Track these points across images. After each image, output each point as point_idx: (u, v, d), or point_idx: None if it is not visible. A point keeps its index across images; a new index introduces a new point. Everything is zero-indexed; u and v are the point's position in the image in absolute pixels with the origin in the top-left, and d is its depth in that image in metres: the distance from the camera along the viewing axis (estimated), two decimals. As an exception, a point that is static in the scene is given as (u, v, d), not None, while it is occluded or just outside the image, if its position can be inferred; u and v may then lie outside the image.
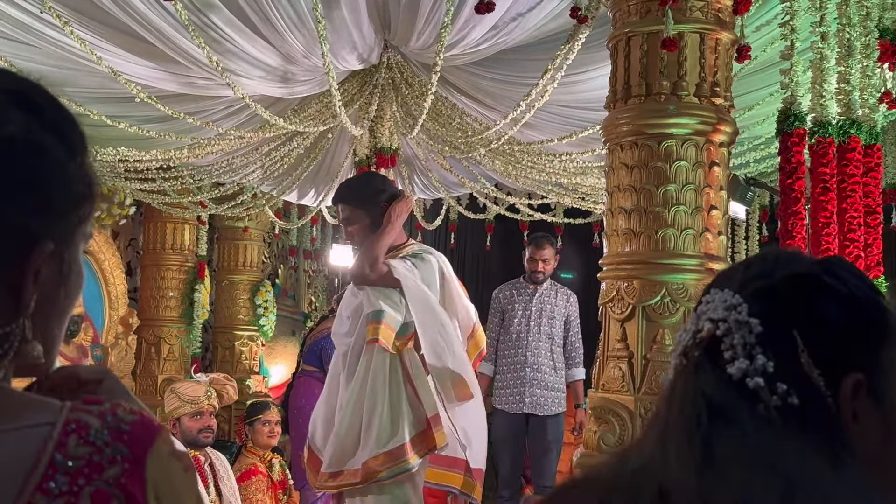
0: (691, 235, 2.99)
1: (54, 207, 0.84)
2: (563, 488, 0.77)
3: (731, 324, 0.77)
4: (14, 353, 0.83)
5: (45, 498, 0.73)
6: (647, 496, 0.69)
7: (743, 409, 0.73)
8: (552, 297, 5.51)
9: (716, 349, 0.77)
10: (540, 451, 5.41)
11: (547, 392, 5.39)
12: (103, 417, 0.78)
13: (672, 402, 0.78)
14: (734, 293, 0.78)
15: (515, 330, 5.51)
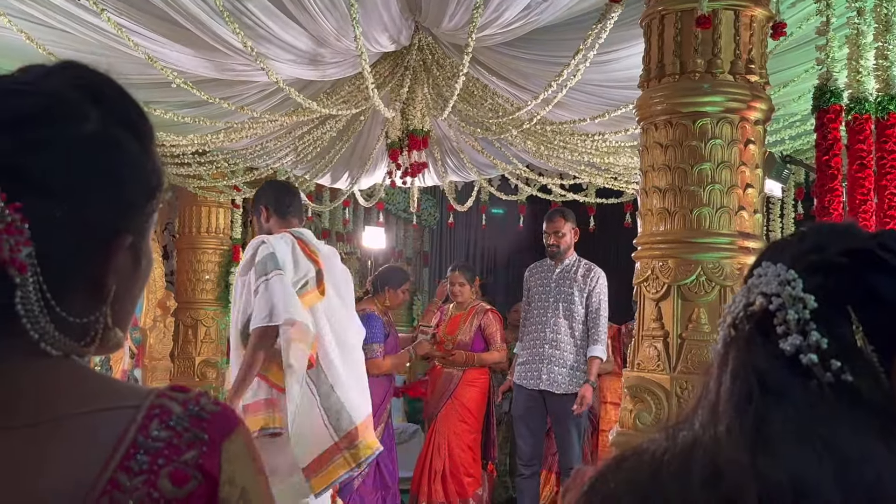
0: (726, 214, 2.98)
1: (131, 201, 0.87)
2: (613, 462, 0.78)
3: (785, 299, 0.76)
4: (99, 340, 0.87)
5: (126, 475, 0.76)
6: (699, 473, 0.69)
7: (795, 386, 0.73)
8: (573, 273, 5.46)
9: (768, 323, 0.77)
10: (561, 431, 5.36)
11: (565, 370, 5.33)
12: (186, 405, 0.82)
13: (722, 376, 0.77)
14: (788, 267, 0.78)
15: (537, 307, 5.51)
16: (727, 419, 0.72)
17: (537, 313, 5.49)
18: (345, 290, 3.91)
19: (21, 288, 0.79)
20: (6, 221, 0.77)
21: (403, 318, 9.06)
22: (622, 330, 6.16)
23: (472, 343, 5.92)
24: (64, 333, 0.83)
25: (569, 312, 5.39)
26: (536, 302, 5.52)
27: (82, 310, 0.84)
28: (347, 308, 3.92)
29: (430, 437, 5.89)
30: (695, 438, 0.72)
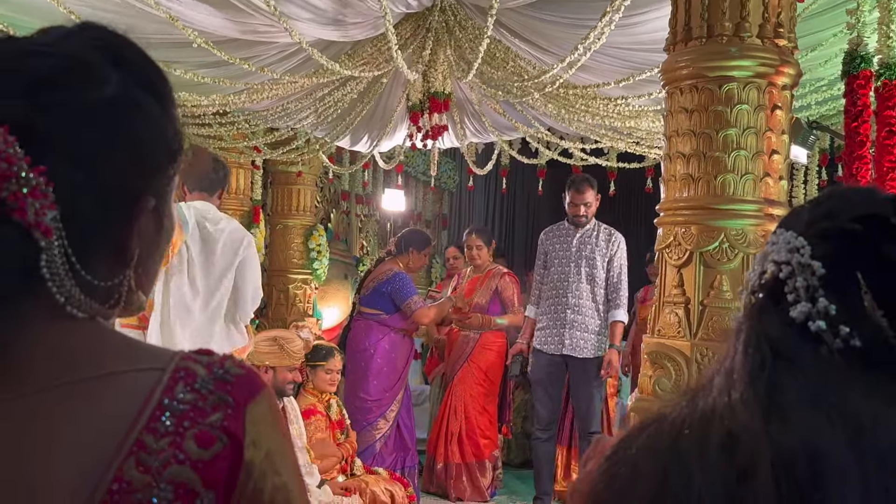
0: (751, 180, 2.94)
1: (153, 164, 0.87)
2: (635, 429, 0.78)
3: (794, 266, 0.76)
4: (123, 302, 0.87)
5: (152, 436, 0.77)
6: (716, 439, 0.69)
7: (807, 353, 0.73)
8: (594, 238, 5.43)
9: (779, 291, 0.77)
10: (583, 397, 5.35)
11: (587, 335, 5.32)
12: (211, 368, 0.82)
13: (738, 343, 0.77)
14: (798, 234, 0.77)
15: (557, 272, 5.46)
16: (741, 387, 0.72)
17: (557, 278, 5.45)
18: (215, 261, 3.82)
19: (46, 251, 0.79)
20: (31, 185, 0.77)
21: (421, 280, 9.08)
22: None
23: (488, 306, 5.93)
24: (89, 296, 0.83)
25: (591, 277, 5.36)
26: (556, 266, 5.47)
27: (106, 273, 0.85)
28: (209, 278, 3.82)
29: (447, 399, 5.93)
30: (713, 406, 0.73)
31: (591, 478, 0.75)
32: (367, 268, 6.50)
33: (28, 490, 0.74)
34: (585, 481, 0.76)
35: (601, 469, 0.75)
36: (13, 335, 0.79)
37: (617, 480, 0.71)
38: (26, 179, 0.77)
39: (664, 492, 0.66)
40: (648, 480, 0.68)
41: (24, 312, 0.80)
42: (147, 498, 0.74)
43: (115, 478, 0.75)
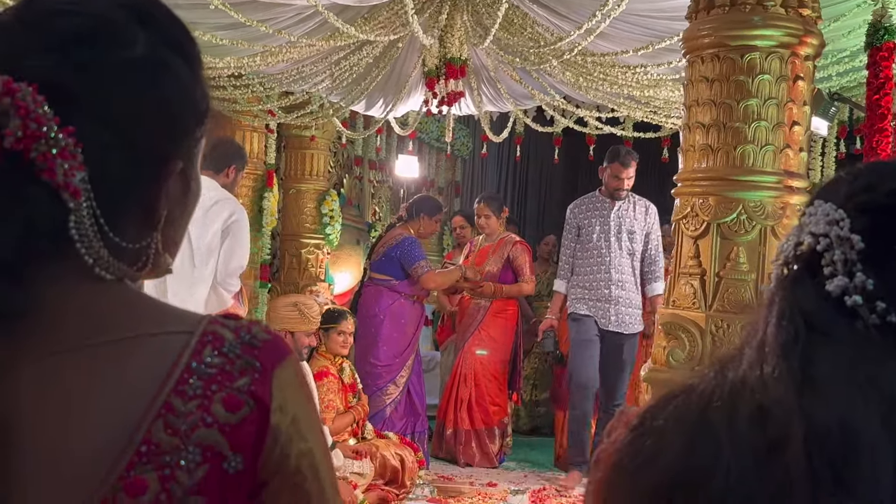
0: (771, 152, 2.92)
1: (182, 126, 0.86)
2: (662, 399, 0.77)
3: (833, 239, 0.74)
4: (150, 264, 0.87)
5: (180, 399, 0.77)
6: (746, 412, 0.68)
7: (842, 327, 0.71)
8: (631, 211, 5.36)
9: (816, 264, 0.75)
10: (614, 369, 5.32)
11: (631, 310, 5.33)
12: (238, 332, 0.81)
13: (770, 315, 0.76)
14: (837, 207, 0.75)
15: (595, 247, 5.37)
16: (773, 360, 0.71)
17: (595, 253, 5.36)
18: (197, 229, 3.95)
19: (75, 213, 0.79)
20: (60, 146, 0.77)
21: (433, 247, 9.08)
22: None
23: (500, 274, 5.92)
24: (117, 258, 0.83)
25: (631, 251, 5.30)
26: (595, 241, 5.36)
27: (134, 235, 0.85)
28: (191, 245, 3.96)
29: (458, 366, 5.95)
30: (743, 378, 0.72)
31: (616, 448, 0.74)
32: (378, 233, 6.50)
33: (56, 450, 0.75)
34: (610, 451, 0.75)
35: (626, 440, 0.74)
36: (42, 296, 0.79)
37: (642, 452, 0.70)
38: (55, 140, 0.76)
39: (691, 464, 0.65)
40: (675, 452, 0.67)
41: (53, 273, 0.80)
42: (175, 460, 0.75)
43: (144, 439, 0.75)
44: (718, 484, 0.62)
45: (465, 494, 4.94)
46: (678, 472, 0.65)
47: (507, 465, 5.84)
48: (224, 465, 0.76)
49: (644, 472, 0.67)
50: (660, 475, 0.65)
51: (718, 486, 0.62)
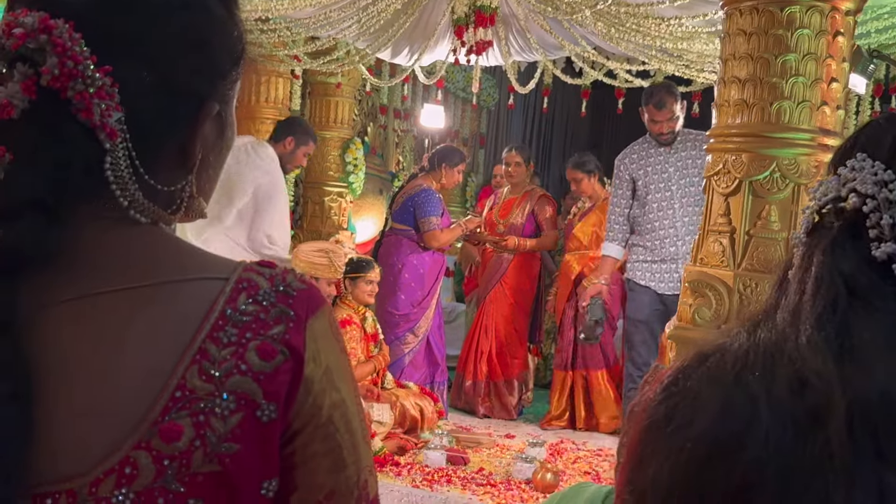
0: (808, 108, 2.86)
1: (218, 67, 0.85)
2: (695, 359, 0.74)
3: (881, 202, 0.70)
4: (185, 208, 0.85)
5: (215, 346, 0.76)
6: (785, 381, 0.66)
7: (888, 296, 0.68)
8: (690, 151, 4.83)
9: (860, 225, 0.71)
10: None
11: None
12: (273, 281, 0.80)
13: (807, 278, 0.72)
14: (886, 167, 0.71)
15: (656, 199, 4.88)
16: (811, 328, 0.67)
17: (657, 206, 4.87)
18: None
19: (111, 154, 0.78)
20: (97, 85, 0.75)
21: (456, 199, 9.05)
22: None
23: (523, 227, 5.90)
24: (151, 201, 0.82)
25: (698, 199, 4.62)
26: (652, 193, 4.88)
27: (169, 178, 0.84)
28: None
29: (479, 318, 5.96)
30: (778, 343, 0.68)
31: (650, 406, 0.71)
32: (401, 183, 6.49)
33: (90, 393, 0.74)
34: (643, 407, 0.73)
35: (660, 398, 0.71)
36: (77, 237, 0.78)
37: (677, 415, 0.67)
38: (92, 79, 0.75)
39: (727, 429, 0.63)
40: (710, 417, 0.64)
41: (88, 215, 0.80)
42: (210, 407, 0.74)
43: (179, 385, 0.74)
44: (755, 452, 0.60)
45: (483, 445, 4.98)
46: (714, 437, 0.62)
47: (526, 416, 5.88)
48: (257, 414, 0.76)
49: (679, 436, 0.65)
50: (695, 440, 0.63)
51: (755, 454, 0.60)
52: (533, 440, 4.81)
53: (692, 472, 0.62)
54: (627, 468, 0.69)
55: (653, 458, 0.66)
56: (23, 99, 0.75)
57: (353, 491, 0.82)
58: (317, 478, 0.80)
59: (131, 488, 0.72)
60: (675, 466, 0.63)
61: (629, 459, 0.69)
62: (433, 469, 4.37)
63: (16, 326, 0.74)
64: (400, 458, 4.48)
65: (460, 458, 4.55)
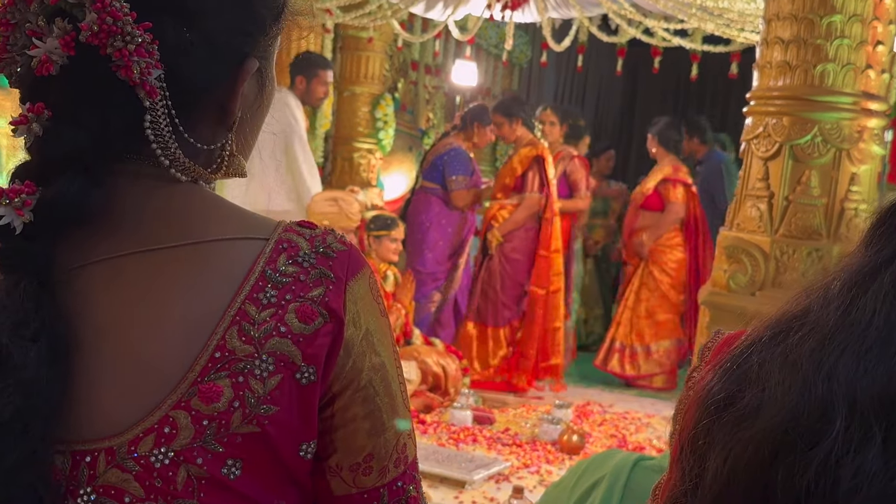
0: (852, 72, 2.79)
1: (259, 24, 0.84)
2: (768, 335, 0.64)
3: None
4: (225, 166, 0.84)
5: (254, 307, 0.75)
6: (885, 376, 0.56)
7: None
8: None
9: None
10: None
11: None
12: (313, 242, 0.79)
13: (885, 276, 0.60)
14: None
15: None
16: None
17: None
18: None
19: (151, 112, 0.77)
20: (136, 42, 0.74)
21: (487, 157, 8.98)
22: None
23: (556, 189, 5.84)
24: (192, 159, 0.81)
25: None
26: None
27: (209, 136, 0.83)
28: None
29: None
30: (886, 324, 0.58)
31: (708, 381, 0.65)
32: (431, 141, 6.45)
33: (129, 352, 0.74)
34: (706, 380, 0.66)
35: (719, 375, 0.64)
36: (117, 195, 0.78)
37: (739, 397, 0.61)
38: (132, 36, 0.74)
39: (799, 424, 0.55)
40: (781, 406, 0.57)
41: (129, 173, 0.79)
42: (249, 368, 0.74)
43: (218, 346, 0.74)
44: (827, 453, 0.53)
45: (510, 405, 5.00)
46: (783, 433, 0.56)
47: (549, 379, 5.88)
48: (297, 376, 0.75)
49: (743, 428, 0.58)
50: (761, 435, 0.57)
51: (827, 455, 0.53)
52: (560, 402, 4.82)
53: (755, 474, 0.56)
54: (684, 446, 0.65)
55: (711, 450, 0.60)
56: (62, 55, 0.74)
57: (391, 454, 0.82)
58: (356, 440, 0.80)
59: (170, 447, 0.72)
60: (737, 464, 0.57)
61: (686, 437, 0.65)
62: (459, 428, 4.40)
63: (55, 284, 0.73)
64: (426, 417, 4.51)
65: (486, 418, 4.57)
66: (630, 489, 1.81)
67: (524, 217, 5.31)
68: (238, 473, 0.73)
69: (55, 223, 0.74)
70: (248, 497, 0.74)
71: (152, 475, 0.71)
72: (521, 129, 5.40)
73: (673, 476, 0.69)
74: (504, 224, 5.29)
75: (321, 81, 5.03)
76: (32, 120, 0.75)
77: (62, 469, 0.71)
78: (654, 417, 5.03)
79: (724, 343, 0.76)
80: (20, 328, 0.70)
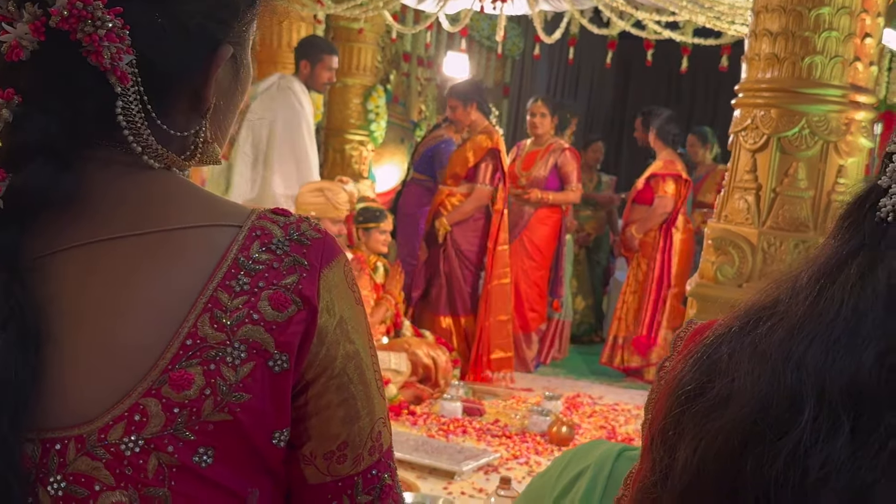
0: (840, 64, 2.79)
1: (232, 9, 0.83)
2: (737, 325, 0.63)
3: None
4: (199, 153, 0.84)
5: (226, 294, 0.75)
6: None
7: None
8: None
9: None
10: None
11: None
12: (287, 229, 0.79)
13: (850, 268, 0.59)
14: None
15: None
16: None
17: None
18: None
19: (122, 98, 0.76)
20: (107, 27, 0.73)
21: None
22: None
23: (546, 180, 5.84)
24: (165, 146, 0.80)
25: None
26: None
27: (183, 123, 0.82)
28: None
29: (498, 270, 5.94)
30: (853, 315, 0.57)
31: (679, 371, 0.65)
32: (423, 133, 6.44)
33: (100, 339, 0.73)
34: (677, 370, 0.66)
35: (690, 365, 0.64)
36: (89, 182, 0.77)
37: (708, 387, 0.60)
38: (102, 21, 0.73)
39: (768, 414, 0.55)
40: (750, 397, 0.56)
41: (101, 160, 0.78)
42: (221, 356, 0.73)
43: (190, 333, 0.73)
44: (796, 443, 0.53)
45: (500, 397, 5.00)
46: (752, 423, 0.55)
47: (543, 370, 5.89)
48: (269, 364, 0.75)
49: (712, 419, 0.58)
50: (730, 426, 0.56)
51: (796, 445, 0.53)
52: (550, 393, 4.83)
53: (725, 464, 0.56)
54: (654, 436, 0.65)
55: (681, 440, 0.60)
56: (32, 41, 0.73)
57: (366, 442, 0.82)
58: (330, 428, 0.80)
59: (141, 435, 0.71)
60: (706, 454, 0.57)
61: (656, 427, 0.65)
62: (449, 419, 4.40)
63: (24, 271, 0.73)
64: (416, 408, 4.52)
65: (476, 410, 4.57)
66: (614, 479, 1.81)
67: (472, 209, 5.28)
68: (210, 461, 0.73)
69: (25, 210, 0.74)
70: (220, 485, 0.74)
71: (122, 463, 0.71)
72: (476, 113, 5.33)
73: (644, 466, 0.68)
74: (452, 213, 5.26)
75: (326, 66, 4.94)
76: (2, 106, 0.74)
77: (32, 457, 0.71)
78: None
79: (695, 333, 0.75)
80: (-12, 315, 0.70)
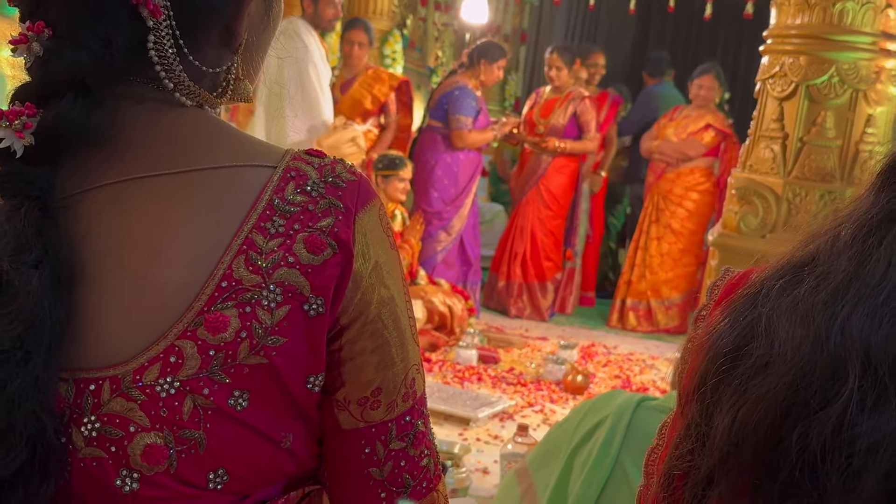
0: (871, 10, 2.73)
1: None
2: (778, 282, 0.60)
3: None
4: (230, 91, 0.82)
5: (262, 236, 0.74)
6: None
7: None
8: None
9: None
10: None
11: None
12: (322, 171, 0.77)
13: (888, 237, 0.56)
14: None
15: None
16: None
17: None
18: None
19: (154, 32, 0.74)
20: None
21: (495, 96, 8.88)
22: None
23: (565, 129, 5.78)
24: (197, 83, 0.78)
25: None
26: None
27: (215, 59, 0.80)
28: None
29: (514, 219, 5.93)
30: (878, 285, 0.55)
31: (715, 326, 0.62)
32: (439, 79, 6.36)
33: (134, 279, 0.72)
34: (713, 323, 0.64)
35: (727, 321, 0.61)
36: (121, 119, 0.75)
37: (748, 349, 0.57)
38: None
39: (811, 383, 0.53)
40: (791, 363, 0.54)
41: (132, 96, 0.76)
42: (257, 299, 0.72)
43: (225, 275, 0.72)
44: (841, 412, 0.51)
45: (515, 345, 5.02)
46: (794, 391, 0.53)
47: (558, 319, 5.90)
48: (305, 308, 0.74)
49: (752, 385, 0.55)
50: (772, 394, 0.54)
51: (841, 415, 0.51)
52: (565, 343, 4.84)
53: (765, 435, 0.54)
54: (690, 394, 0.62)
55: (717, 407, 0.57)
56: None
57: (399, 388, 0.81)
58: (364, 374, 0.79)
59: (176, 377, 0.71)
60: (746, 423, 0.55)
61: (692, 385, 0.62)
62: (464, 367, 4.42)
63: (57, 209, 0.71)
64: (431, 355, 4.53)
65: (491, 357, 4.59)
66: (633, 429, 1.81)
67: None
68: (245, 405, 0.72)
69: (57, 146, 0.72)
70: (254, 428, 0.74)
71: (158, 404, 0.70)
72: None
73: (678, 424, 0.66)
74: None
75: (329, 2, 4.84)
76: (32, 39, 0.72)
77: (66, 397, 0.70)
78: (658, 359, 5.05)
79: (733, 284, 0.72)
80: (21, 254, 0.68)
